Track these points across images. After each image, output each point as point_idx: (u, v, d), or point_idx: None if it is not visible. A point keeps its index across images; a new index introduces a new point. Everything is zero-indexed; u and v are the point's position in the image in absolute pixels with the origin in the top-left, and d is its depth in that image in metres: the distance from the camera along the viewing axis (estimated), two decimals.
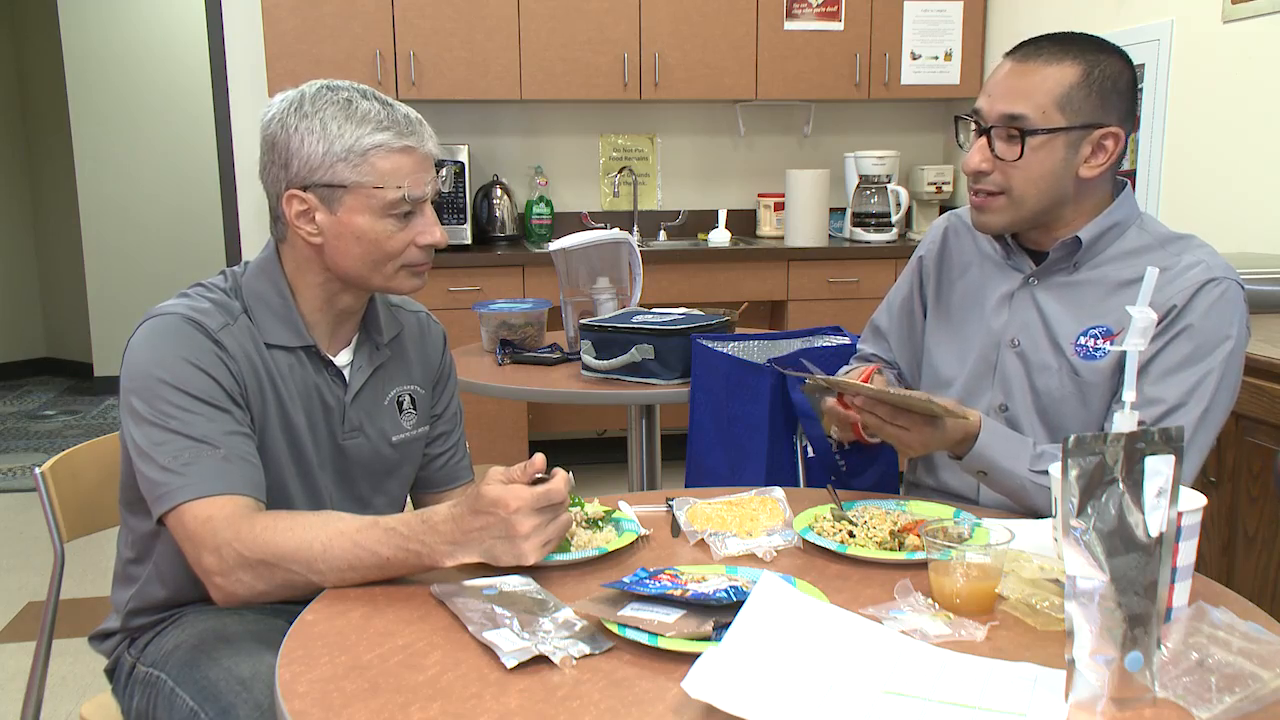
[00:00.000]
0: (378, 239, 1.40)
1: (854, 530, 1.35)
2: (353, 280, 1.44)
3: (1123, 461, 0.94)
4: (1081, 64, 1.47)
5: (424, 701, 0.98)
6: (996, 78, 1.51)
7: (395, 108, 1.40)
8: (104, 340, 6.45)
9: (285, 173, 1.39)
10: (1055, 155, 1.48)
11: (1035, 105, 1.46)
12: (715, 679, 0.95)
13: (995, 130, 1.49)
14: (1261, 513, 2.15)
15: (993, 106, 1.49)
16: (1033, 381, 1.57)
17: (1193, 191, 3.39)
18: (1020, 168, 1.48)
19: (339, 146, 1.36)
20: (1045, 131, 1.46)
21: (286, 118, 1.38)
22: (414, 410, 1.58)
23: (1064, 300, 1.56)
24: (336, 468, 1.51)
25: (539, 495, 1.20)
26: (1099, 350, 1.51)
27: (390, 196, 1.38)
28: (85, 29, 6.21)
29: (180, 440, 1.32)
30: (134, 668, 1.46)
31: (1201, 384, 1.44)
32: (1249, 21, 3.11)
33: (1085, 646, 0.93)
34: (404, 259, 1.43)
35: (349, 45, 4.20)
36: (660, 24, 4.41)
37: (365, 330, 1.53)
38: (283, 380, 1.44)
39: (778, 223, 4.78)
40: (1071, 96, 1.46)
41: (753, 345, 2.27)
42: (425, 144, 1.41)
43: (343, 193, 1.38)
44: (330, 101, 1.37)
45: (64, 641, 2.83)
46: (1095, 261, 1.54)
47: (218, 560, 1.27)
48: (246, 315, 1.43)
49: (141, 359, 1.36)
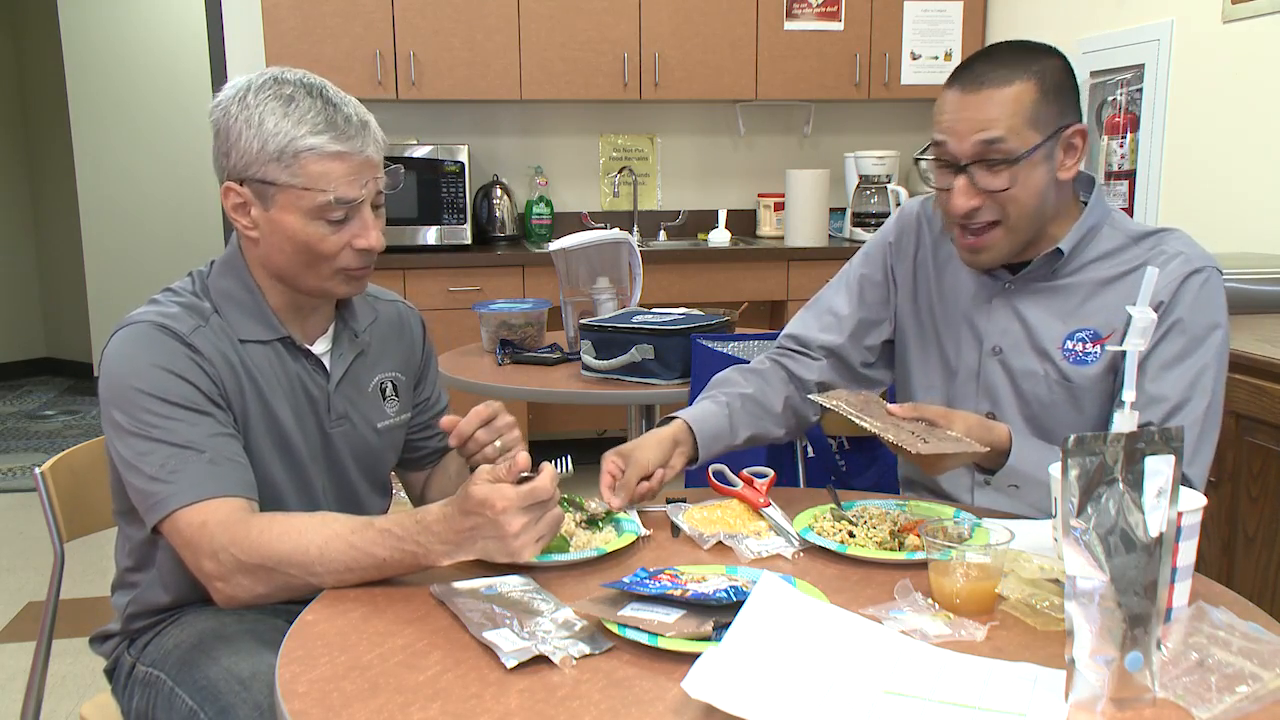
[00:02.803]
0: (309, 241, 1.37)
1: (854, 530, 1.35)
2: (286, 280, 1.42)
3: (1123, 461, 0.94)
4: (1032, 77, 1.43)
5: (424, 701, 0.98)
6: (950, 111, 1.45)
7: (339, 108, 1.36)
8: (104, 340, 6.36)
9: (226, 161, 1.37)
10: (1039, 170, 1.44)
11: (1008, 128, 1.41)
12: (715, 679, 0.95)
13: (973, 166, 1.43)
14: (1261, 513, 2.15)
15: (964, 143, 1.43)
16: (1018, 388, 1.55)
17: (1193, 191, 3.39)
18: (1011, 193, 1.43)
19: (272, 145, 1.33)
20: (1028, 152, 1.42)
21: (230, 106, 1.36)
22: (396, 397, 1.58)
23: (1045, 305, 1.54)
24: (327, 458, 1.50)
25: (525, 494, 1.19)
26: (1089, 354, 1.50)
27: (319, 200, 1.34)
28: (85, 29, 6.21)
29: (165, 448, 1.31)
30: (134, 668, 1.46)
31: (1200, 377, 1.44)
32: (1249, 21, 3.11)
33: (1085, 646, 0.93)
34: (338, 262, 1.39)
35: (349, 45, 4.20)
36: (660, 24, 4.41)
37: (342, 319, 1.52)
38: (262, 376, 1.43)
39: (778, 223, 4.78)
40: (1038, 109, 1.42)
41: (753, 345, 2.27)
42: (365, 149, 1.36)
43: (275, 190, 1.35)
44: (273, 96, 1.34)
45: (64, 641, 2.83)
46: (1074, 266, 1.53)
47: (216, 565, 1.28)
48: (217, 314, 1.42)
49: (117, 370, 1.36)
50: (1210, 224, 3.23)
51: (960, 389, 1.61)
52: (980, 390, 1.59)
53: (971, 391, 1.60)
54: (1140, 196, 3.60)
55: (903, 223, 1.70)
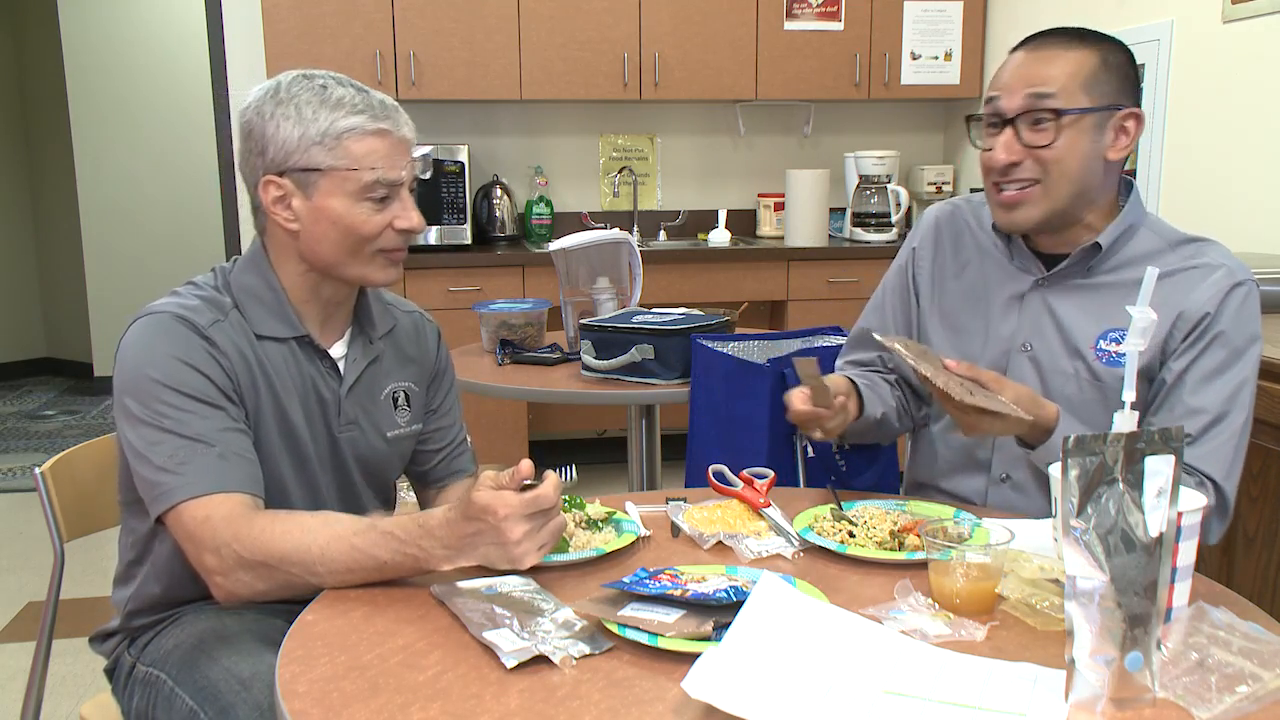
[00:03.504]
0: (353, 223, 1.39)
1: (854, 530, 1.35)
2: (329, 268, 1.44)
3: (1123, 461, 0.94)
4: (1097, 50, 1.47)
5: (424, 701, 0.98)
6: (1010, 69, 1.48)
7: (370, 94, 1.41)
8: (104, 340, 6.45)
9: (262, 159, 1.40)
10: (1085, 138, 1.45)
11: (1061, 87, 1.43)
12: (715, 679, 0.95)
13: (1021, 120, 1.45)
14: (1261, 513, 2.14)
15: (1014, 96, 1.45)
16: (1047, 386, 1.54)
17: (1193, 191, 3.39)
18: (1054, 151, 1.44)
19: (314, 130, 1.37)
20: (1077, 111, 1.43)
21: (263, 105, 1.39)
22: (408, 407, 1.58)
23: (1079, 304, 1.53)
24: (333, 461, 1.50)
25: (528, 501, 1.20)
26: (1122, 356, 1.49)
27: (365, 179, 1.38)
28: (85, 29, 6.21)
29: (175, 439, 1.32)
30: (134, 668, 1.46)
31: (1240, 391, 1.44)
32: (1249, 21, 3.11)
33: (1085, 646, 0.93)
34: (380, 243, 1.42)
35: (349, 45, 4.20)
36: (660, 24, 4.41)
37: (359, 324, 1.54)
38: (276, 374, 1.43)
39: (778, 223, 4.78)
40: (1095, 78, 1.45)
41: (753, 345, 2.27)
42: (400, 129, 1.41)
43: (318, 176, 1.38)
44: (305, 88, 1.38)
45: (64, 641, 2.83)
46: (1110, 265, 1.53)
47: (218, 560, 1.28)
48: (237, 310, 1.43)
49: (133, 359, 1.36)
50: (1210, 224, 3.23)
51: None
52: None
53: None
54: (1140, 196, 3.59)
55: (922, 230, 1.72)
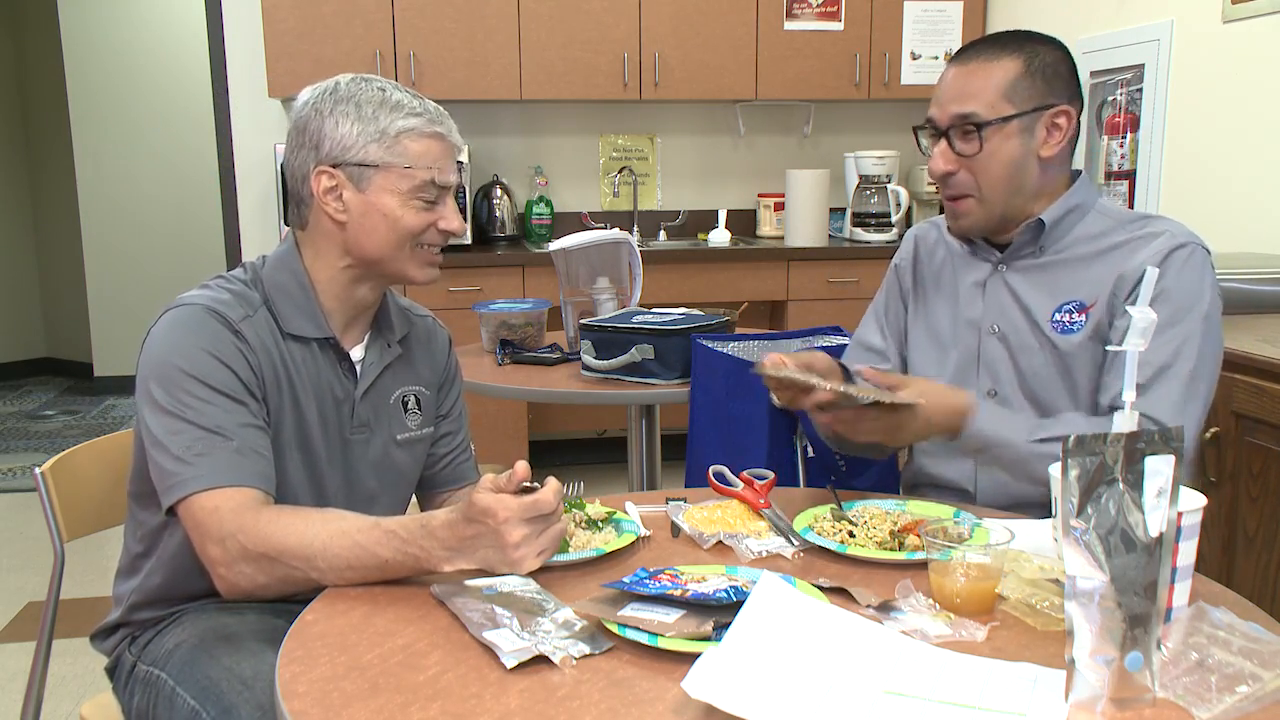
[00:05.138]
0: (401, 219, 1.43)
1: (854, 530, 1.35)
2: (372, 262, 1.46)
3: (1123, 461, 0.94)
4: (1020, 56, 1.53)
5: (424, 701, 0.98)
6: (943, 84, 1.57)
7: (425, 100, 1.47)
8: (104, 340, 6.45)
9: (316, 153, 1.43)
10: (1012, 142, 1.53)
11: (984, 102, 1.52)
12: (715, 679, 0.95)
13: (952, 131, 1.55)
14: (1261, 513, 2.14)
15: (944, 111, 1.55)
16: (1017, 364, 1.60)
17: (1193, 191, 3.39)
18: (982, 161, 1.53)
19: (373, 128, 1.41)
20: (998, 121, 1.51)
21: (320, 102, 1.43)
22: (419, 411, 1.59)
23: (1034, 282, 1.60)
24: (344, 464, 1.51)
25: (527, 505, 1.20)
26: (1075, 324, 1.55)
27: (421, 178, 1.42)
28: (85, 29, 6.21)
29: (195, 430, 1.33)
30: (135, 667, 1.46)
31: (1185, 344, 1.47)
32: (1249, 21, 3.11)
33: (1085, 646, 0.93)
34: (424, 238, 1.46)
35: (349, 45, 4.20)
36: (660, 24, 4.41)
37: (378, 327, 1.55)
38: (297, 373, 1.45)
39: (778, 223, 4.78)
40: (1016, 86, 1.52)
41: (753, 345, 2.27)
42: (452, 134, 1.47)
43: (373, 172, 1.42)
44: (365, 88, 1.43)
45: (64, 641, 2.83)
46: (1059, 245, 1.59)
47: (221, 551, 1.29)
48: (266, 307, 1.45)
49: (162, 348, 1.37)
50: (1210, 224, 3.23)
51: (963, 370, 1.65)
52: (982, 369, 1.64)
53: (973, 372, 1.64)
54: (1140, 196, 3.60)
55: (905, 247, 1.82)
